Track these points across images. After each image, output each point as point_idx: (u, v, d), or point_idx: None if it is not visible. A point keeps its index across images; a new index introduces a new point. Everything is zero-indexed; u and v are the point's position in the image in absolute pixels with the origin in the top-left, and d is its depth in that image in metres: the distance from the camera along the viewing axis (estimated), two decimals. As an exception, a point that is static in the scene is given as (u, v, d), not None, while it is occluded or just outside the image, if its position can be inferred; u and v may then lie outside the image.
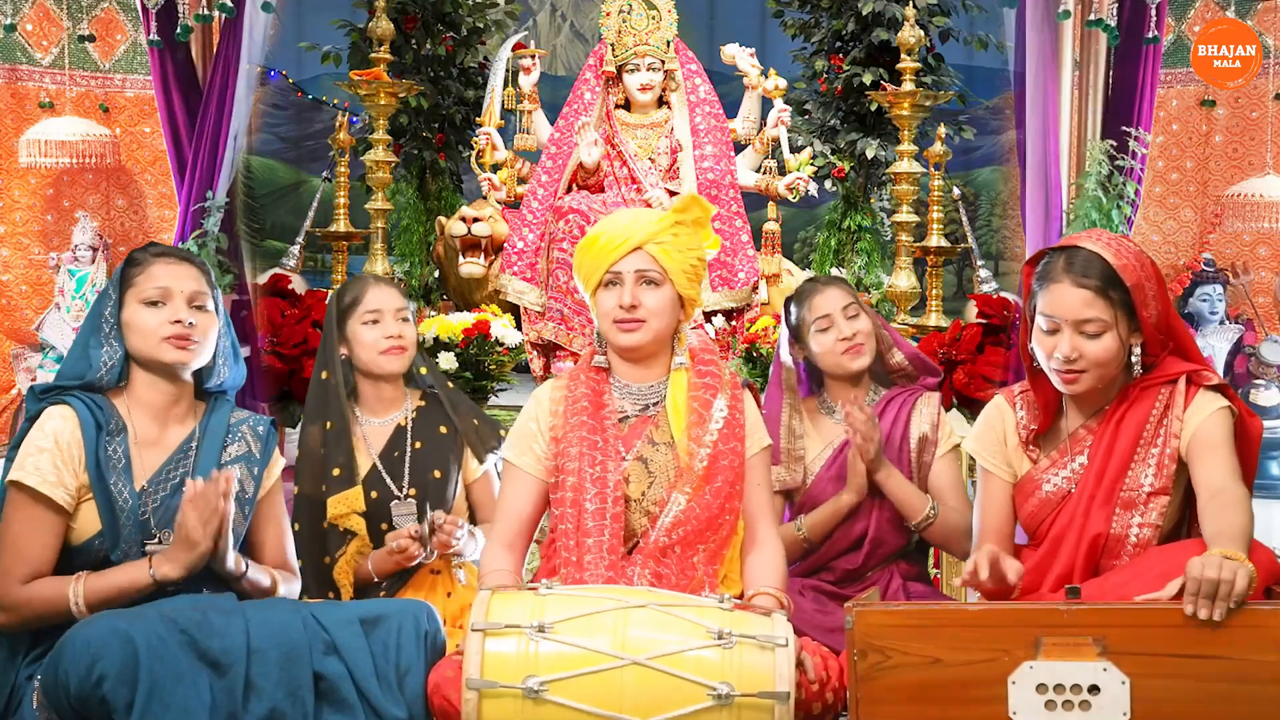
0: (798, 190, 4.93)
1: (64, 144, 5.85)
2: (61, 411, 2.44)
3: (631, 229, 2.54)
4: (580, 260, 2.60)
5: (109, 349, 2.49)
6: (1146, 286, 2.40)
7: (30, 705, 2.32)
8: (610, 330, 2.56)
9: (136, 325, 2.48)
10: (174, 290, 2.50)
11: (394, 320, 2.99)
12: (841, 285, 3.10)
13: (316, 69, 6.70)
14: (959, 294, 7.18)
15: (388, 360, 2.98)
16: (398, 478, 2.97)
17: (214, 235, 4.55)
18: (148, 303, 2.49)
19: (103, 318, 2.51)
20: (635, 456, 2.55)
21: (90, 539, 2.41)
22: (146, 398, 2.52)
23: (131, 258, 2.57)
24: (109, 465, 2.42)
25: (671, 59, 4.89)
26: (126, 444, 2.47)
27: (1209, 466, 2.33)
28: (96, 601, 2.34)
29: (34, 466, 2.38)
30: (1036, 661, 2.04)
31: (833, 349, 3.01)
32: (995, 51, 5.88)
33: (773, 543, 2.59)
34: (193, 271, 2.54)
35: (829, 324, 3.02)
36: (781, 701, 2.12)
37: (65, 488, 2.39)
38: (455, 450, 3.02)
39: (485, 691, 2.11)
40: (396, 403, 3.06)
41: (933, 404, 3.03)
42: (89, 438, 2.42)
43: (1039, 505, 2.53)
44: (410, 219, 5.93)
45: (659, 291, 2.53)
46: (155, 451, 2.50)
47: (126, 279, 2.52)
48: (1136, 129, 4.52)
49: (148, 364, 2.50)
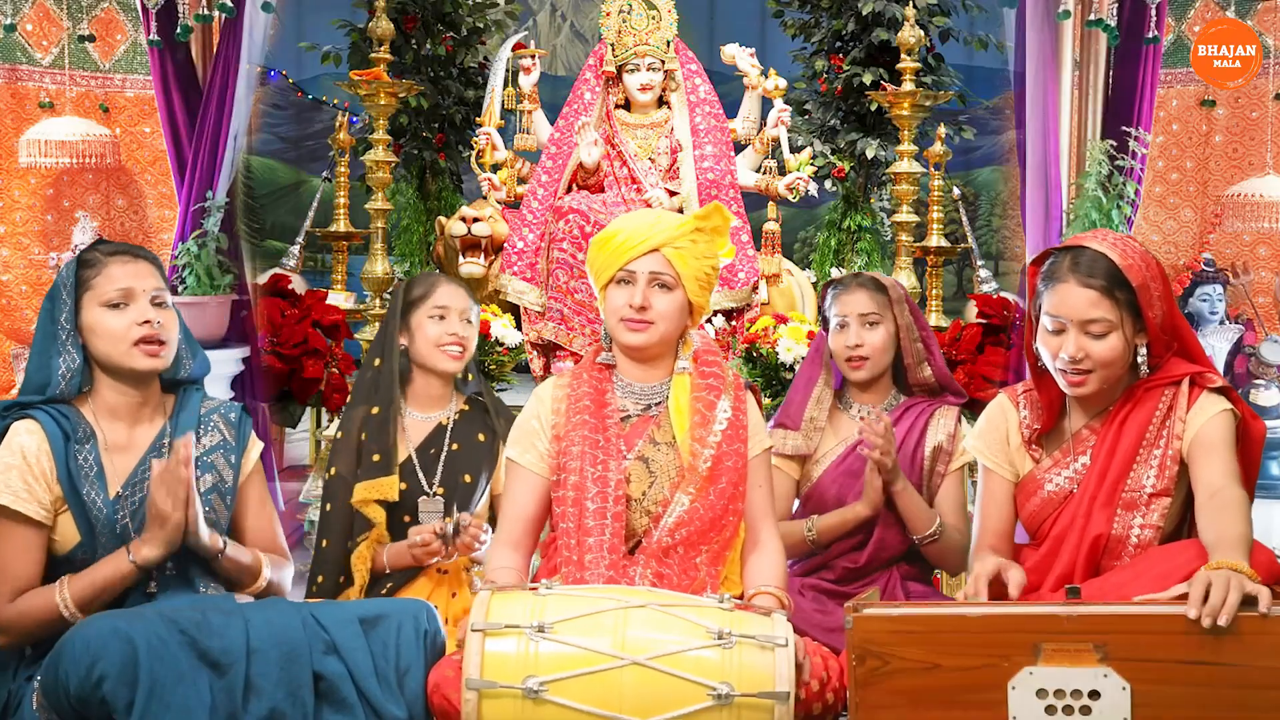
0: (798, 190, 4.93)
1: (64, 144, 5.84)
2: (27, 426, 2.39)
3: (652, 230, 2.54)
4: (595, 254, 2.60)
5: (67, 357, 2.42)
6: (1152, 287, 2.39)
7: (30, 706, 2.32)
8: (617, 328, 2.56)
9: (102, 329, 2.42)
10: (136, 289, 2.43)
11: (459, 320, 3.01)
12: (871, 290, 3.07)
13: (316, 69, 6.71)
14: (959, 294, 7.19)
15: (445, 358, 3.00)
16: (430, 474, 2.98)
17: (214, 235, 4.55)
18: (110, 305, 2.42)
19: (59, 325, 2.43)
20: (636, 456, 2.55)
21: (72, 550, 2.40)
22: (112, 402, 2.47)
23: (83, 259, 2.47)
24: (81, 475, 2.39)
25: (671, 59, 4.89)
26: (96, 451, 2.43)
27: (1208, 468, 2.33)
28: (84, 600, 2.33)
29: (4, 485, 2.35)
30: (1036, 667, 2.03)
31: (839, 353, 3.03)
32: (995, 51, 5.89)
33: (773, 544, 2.59)
34: (149, 268, 2.48)
35: (844, 325, 3.03)
36: (781, 701, 2.12)
37: (39, 502, 2.36)
38: (490, 458, 3.03)
39: (485, 691, 2.11)
40: (443, 401, 3.06)
41: (951, 416, 3.04)
42: (58, 449, 2.38)
43: (1041, 505, 2.53)
44: (410, 219, 5.94)
45: (670, 296, 2.54)
46: (126, 455, 2.46)
47: (81, 281, 2.44)
48: (1136, 129, 4.52)
49: (113, 370, 2.45)
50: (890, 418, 2.96)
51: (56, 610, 2.32)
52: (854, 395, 3.11)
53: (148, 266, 2.48)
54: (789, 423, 3.07)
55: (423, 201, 6.01)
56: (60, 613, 2.32)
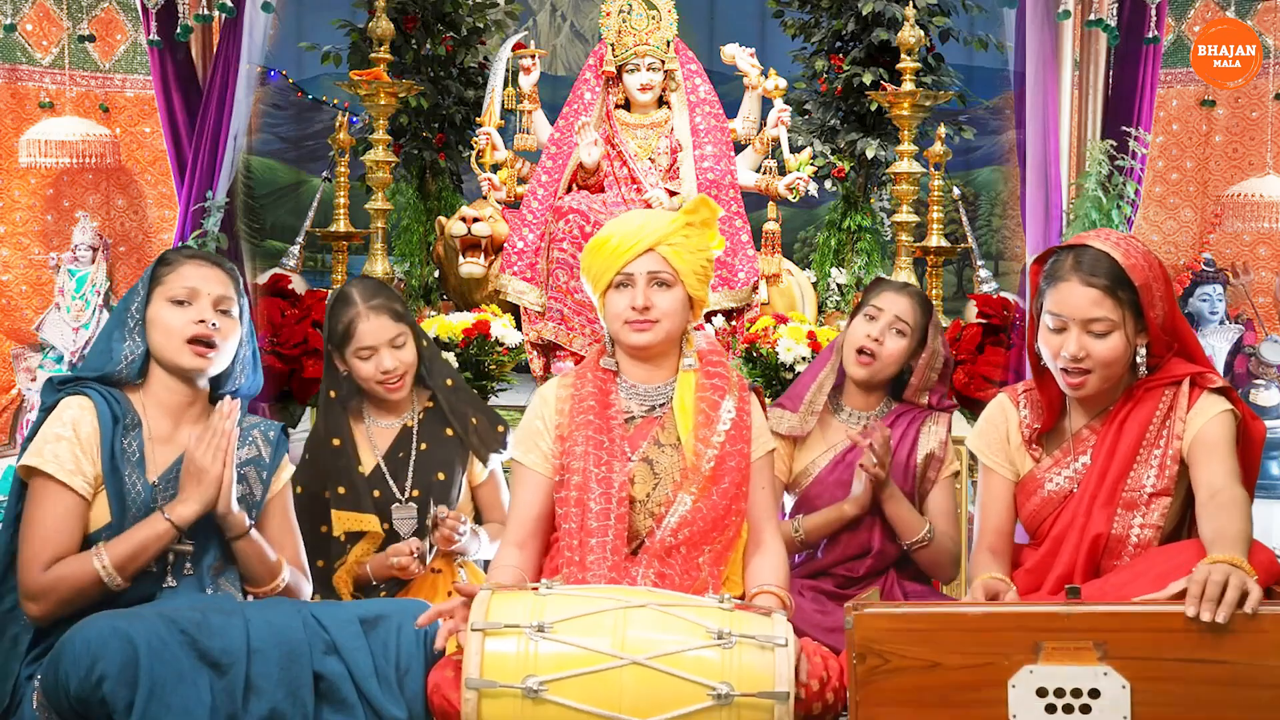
0: (798, 190, 4.93)
1: (64, 144, 5.85)
2: (80, 401, 2.46)
3: (644, 230, 2.54)
4: (590, 261, 2.60)
5: (131, 343, 2.51)
6: (1154, 287, 2.39)
7: (30, 705, 2.32)
8: (621, 330, 2.56)
9: (161, 322, 2.51)
10: (201, 291, 2.52)
11: (389, 353, 2.96)
12: (917, 303, 3.07)
13: (316, 69, 6.70)
14: (959, 294, 7.18)
15: (387, 392, 3.00)
16: (401, 479, 2.97)
17: (214, 235, 4.55)
18: (174, 301, 2.51)
19: (129, 312, 2.54)
20: (641, 458, 2.55)
21: (99, 530, 2.42)
22: (162, 396, 2.54)
23: (164, 257, 2.60)
24: (123, 458, 2.44)
25: (671, 59, 4.89)
26: (141, 439, 2.49)
27: (1208, 468, 2.33)
28: (122, 562, 2.36)
29: (53, 454, 2.40)
30: (1036, 665, 2.03)
31: (855, 340, 3.01)
32: (995, 51, 5.88)
33: (776, 545, 2.60)
34: (222, 276, 2.57)
35: (875, 317, 3.02)
36: (781, 701, 2.12)
37: (84, 475, 2.41)
38: (461, 453, 3.02)
39: (485, 691, 2.11)
40: (404, 405, 3.06)
41: (943, 423, 3.04)
42: (105, 429, 2.44)
43: (1041, 504, 2.53)
44: (410, 219, 5.93)
45: (671, 293, 2.54)
46: (168, 449, 2.52)
47: (156, 277, 2.55)
48: (1136, 129, 4.52)
49: (167, 365, 2.53)
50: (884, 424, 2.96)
51: (93, 575, 2.34)
52: (847, 398, 3.09)
53: (221, 274, 2.57)
54: (788, 404, 3.07)
55: (423, 201, 6.01)
56: (99, 576, 2.34)
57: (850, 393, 3.08)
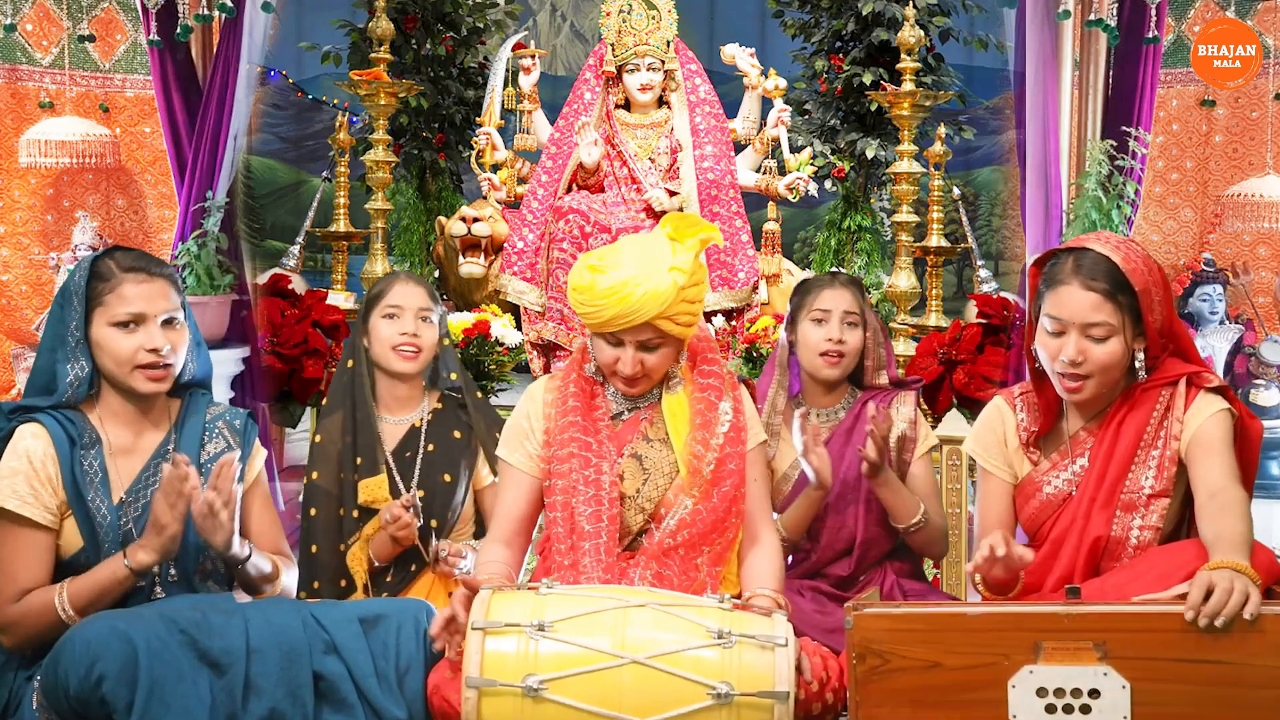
0: (798, 190, 4.93)
1: (64, 144, 5.85)
2: (33, 430, 2.39)
3: (639, 309, 2.41)
4: (577, 305, 2.50)
5: (75, 365, 2.41)
6: (1153, 291, 2.39)
7: (30, 706, 2.32)
8: (611, 375, 2.55)
9: (108, 347, 2.40)
10: (148, 313, 2.40)
11: (413, 319, 2.97)
12: (854, 290, 3.06)
13: (316, 69, 6.71)
14: (959, 294, 7.18)
15: (398, 358, 2.96)
16: (407, 478, 2.97)
17: (214, 235, 4.55)
18: (118, 324, 2.39)
19: (69, 331, 2.41)
20: (630, 454, 2.54)
21: (75, 554, 2.39)
22: (118, 408, 2.47)
23: (97, 270, 2.42)
24: (85, 481, 2.38)
25: (671, 59, 4.90)
26: (101, 456, 2.42)
27: (1207, 468, 2.32)
28: (82, 604, 2.32)
29: (10, 489, 2.34)
30: (1037, 666, 2.03)
31: (815, 345, 2.99)
32: (995, 51, 5.89)
33: (771, 540, 2.59)
34: (163, 287, 2.43)
35: (824, 320, 3.00)
36: (781, 701, 2.11)
37: (45, 506, 2.36)
38: (468, 456, 3.02)
39: (485, 690, 2.11)
40: (413, 403, 3.05)
41: (909, 403, 3.02)
42: (63, 454, 2.37)
43: (1040, 507, 2.52)
44: (410, 219, 5.94)
45: (661, 351, 2.50)
46: (131, 460, 2.46)
47: (94, 295, 2.40)
48: (1136, 129, 4.51)
49: (118, 387, 2.45)
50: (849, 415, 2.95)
51: (55, 614, 2.32)
52: (809, 399, 3.07)
53: (162, 285, 2.43)
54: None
55: (423, 201, 6.01)
56: (59, 615, 2.32)
57: (812, 393, 3.06)
